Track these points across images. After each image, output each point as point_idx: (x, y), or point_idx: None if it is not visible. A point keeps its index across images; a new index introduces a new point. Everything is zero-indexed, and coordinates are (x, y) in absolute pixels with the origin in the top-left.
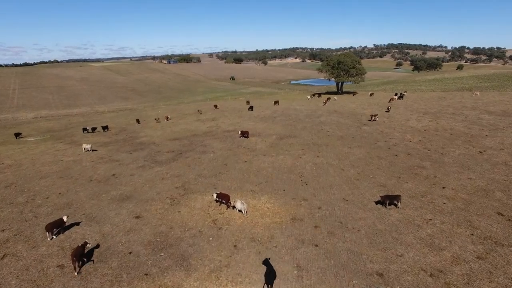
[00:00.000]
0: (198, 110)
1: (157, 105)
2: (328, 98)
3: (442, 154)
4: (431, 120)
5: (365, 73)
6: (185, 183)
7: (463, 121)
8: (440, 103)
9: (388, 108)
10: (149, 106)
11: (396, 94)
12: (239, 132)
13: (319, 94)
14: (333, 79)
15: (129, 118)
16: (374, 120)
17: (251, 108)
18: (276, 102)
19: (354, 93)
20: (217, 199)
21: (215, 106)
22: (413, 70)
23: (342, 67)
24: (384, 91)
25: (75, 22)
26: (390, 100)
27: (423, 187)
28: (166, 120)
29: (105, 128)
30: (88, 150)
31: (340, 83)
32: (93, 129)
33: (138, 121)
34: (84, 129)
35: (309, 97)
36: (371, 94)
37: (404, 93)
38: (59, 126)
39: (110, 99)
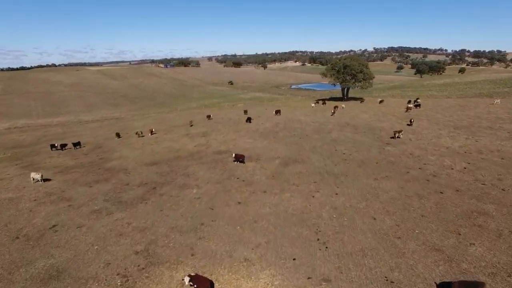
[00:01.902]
0: (189, 122)
1: (148, 113)
2: (336, 107)
3: (504, 190)
4: (468, 137)
5: (373, 77)
6: (150, 244)
7: (509, 139)
8: (467, 113)
9: (410, 121)
10: (139, 115)
11: (409, 102)
12: (233, 156)
13: (324, 101)
14: (338, 84)
15: (112, 129)
16: (398, 137)
17: (249, 119)
18: (277, 112)
19: (361, 100)
20: (191, 284)
21: (208, 116)
22: (415, 74)
23: (349, 71)
24: (393, 97)
25: (76, 26)
26: (406, 109)
27: (501, 253)
28: (150, 134)
29: (76, 144)
30: (38, 181)
31: (346, 89)
32: (63, 146)
33: (118, 135)
34: (52, 146)
35: (313, 104)
36: (381, 101)
37: (418, 100)
38: (31, 140)
39: (98, 106)
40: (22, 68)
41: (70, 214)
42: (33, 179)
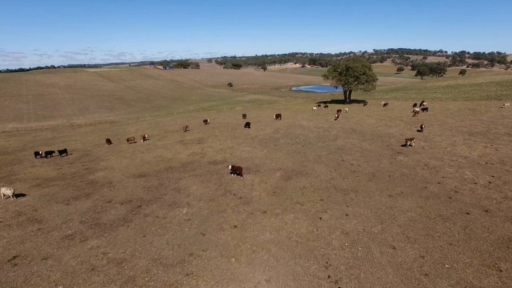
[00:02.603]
0: (184, 127)
1: (143, 117)
2: (339, 111)
3: None
4: (486, 145)
5: (377, 79)
6: (126, 282)
7: None
8: (479, 117)
9: (421, 127)
10: (134, 118)
11: (415, 105)
12: (230, 167)
13: (326, 104)
14: (340, 86)
15: (103, 135)
16: (409, 145)
17: (247, 124)
18: (278, 116)
19: (365, 103)
20: None
21: (205, 121)
22: (416, 76)
23: (351, 73)
24: (396, 99)
25: (76, 28)
26: (414, 113)
27: None
28: (142, 140)
29: (62, 152)
30: (9, 197)
31: (348, 91)
32: (48, 153)
33: (108, 141)
34: (37, 154)
35: (315, 107)
36: (385, 104)
37: (424, 104)
38: (17, 145)
39: (92, 109)
40: (21, 70)
41: (38, 241)
42: (4, 195)
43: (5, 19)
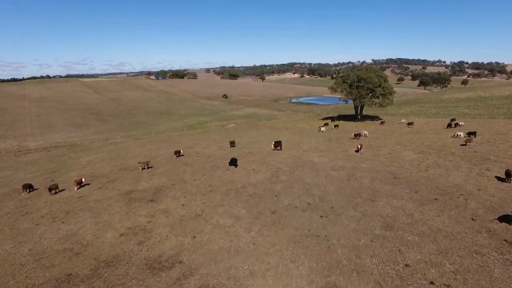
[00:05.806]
0: (143, 164)
1: (113, 138)
2: (358, 136)
3: None
4: None
5: (394, 92)
6: None
7: None
8: None
9: (507, 175)
10: (101, 140)
11: (449, 125)
12: None
13: (335, 123)
14: (350, 99)
15: (44, 169)
16: None
17: (233, 162)
18: (277, 145)
19: (382, 121)
20: None
21: (177, 153)
22: (418, 86)
23: (365, 85)
24: (415, 115)
25: (76, 38)
26: (466, 141)
27: None
28: (76, 187)
29: None
30: None
31: (360, 106)
32: None
33: (28, 188)
34: None
35: (323, 128)
36: (409, 124)
37: (460, 124)
38: None
39: (57, 127)
40: (13, 80)
41: None
42: None
43: (5, 29)
